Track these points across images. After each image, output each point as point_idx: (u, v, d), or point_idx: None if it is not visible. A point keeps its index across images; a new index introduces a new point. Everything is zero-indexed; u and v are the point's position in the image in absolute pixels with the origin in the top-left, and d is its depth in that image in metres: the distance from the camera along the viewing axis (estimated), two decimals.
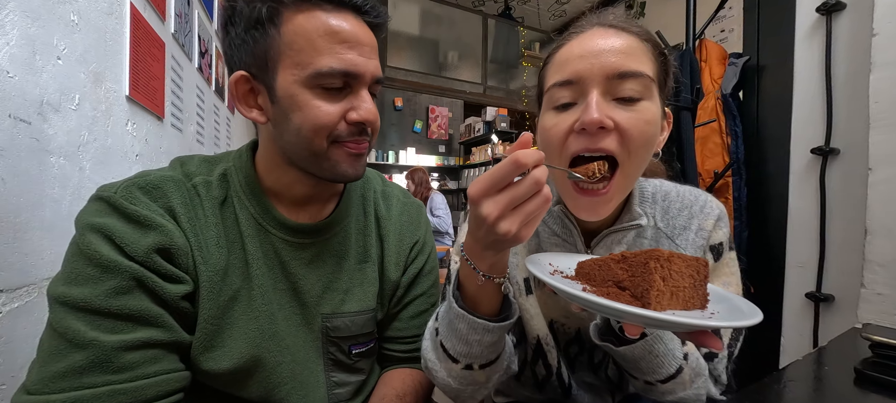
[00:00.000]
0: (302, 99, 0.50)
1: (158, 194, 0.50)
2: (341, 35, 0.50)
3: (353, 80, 0.51)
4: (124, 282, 0.44)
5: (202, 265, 0.51)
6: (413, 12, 5.65)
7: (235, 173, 0.58)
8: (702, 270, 0.41)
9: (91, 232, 0.45)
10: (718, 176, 1.51)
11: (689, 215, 0.60)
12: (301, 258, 0.59)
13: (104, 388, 0.42)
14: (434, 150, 5.88)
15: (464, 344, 0.51)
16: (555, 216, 0.65)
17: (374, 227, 0.67)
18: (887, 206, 0.96)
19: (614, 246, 0.61)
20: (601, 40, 0.50)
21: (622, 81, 0.49)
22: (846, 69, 1.17)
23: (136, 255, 0.45)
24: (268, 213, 0.57)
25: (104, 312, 0.43)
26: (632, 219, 0.58)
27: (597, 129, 0.48)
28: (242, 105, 0.54)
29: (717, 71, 1.64)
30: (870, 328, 0.60)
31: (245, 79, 0.52)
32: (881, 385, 0.53)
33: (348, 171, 0.54)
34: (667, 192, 0.63)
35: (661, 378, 0.53)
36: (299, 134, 0.51)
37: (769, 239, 1.40)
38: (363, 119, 0.52)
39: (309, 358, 0.61)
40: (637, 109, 0.49)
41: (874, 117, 0.99)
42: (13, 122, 0.65)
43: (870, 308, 0.98)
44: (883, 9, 0.98)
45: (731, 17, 3.72)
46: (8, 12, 0.64)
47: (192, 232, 0.51)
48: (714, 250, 0.60)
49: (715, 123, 1.56)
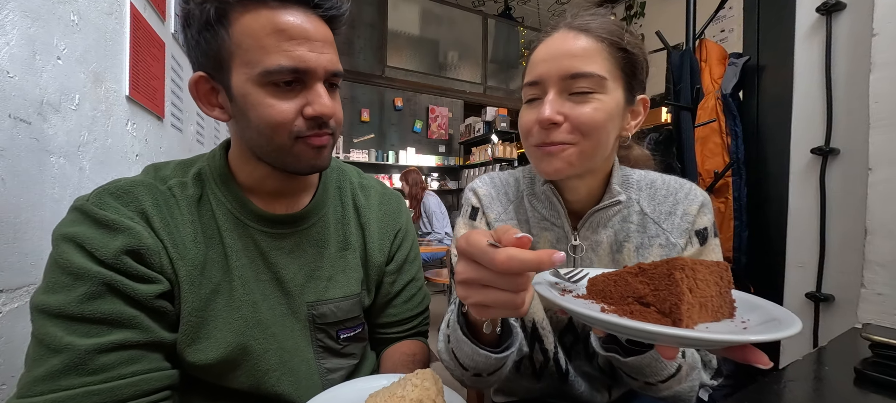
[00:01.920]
0: (256, 98, 0.51)
1: (129, 199, 0.51)
2: (289, 32, 0.50)
3: (305, 75, 0.52)
4: (95, 287, 0.45)
5: (179, 261, 0.52)
6: (413, 12, 5.65)
7: (209, 172, 0.59)
8: (725, 275, 0.39)
9: (64, 242, 0.47)
10: (718, 176, 1.51)
11: (675, 201, 0.64)
12: (281, 248, 0.61)
13: (80, 390, 0.43)
14: (434, 150, 5.88)
15: (471, 361, 0.54)
16: (542, 198, 0.69)
17: (353, 216, 0.69)
18: (887, 206, 0.96)
19: (599, 228, 0.65)
20: (561, 44, 0.58)
21: (575, 80, 0.56)
22: (846, 69, 1.17)
23: (105, 259, 0.46)
24: (244, 207, 0.58)
25: (78, 317, 0.44)
26: (612, 197, 0.64)
27: (549, 124, 0.57)
28: (204, 104, 0.55)
29: (717, 71, 1.64)
30: (870, 328, 0.60)
31: (204, 79, 0.53)
32: (881, 385, 0.53)
33: (313, 162, 0.56)
34: (652, 180, 0.67)
35: (662, 378, 0.54)
36: (260, 131, 0.53)
37: (769, 239, 1.40)
38: (318, 113, 0.52)
39: (298, 346, 0.62)
40: (589, 101, 0.57)
41: (874, 117, 0.99)
42: (13, 122, 0.65)
43: (870, 308, 0.98)
44: (883, 9, 0.98)
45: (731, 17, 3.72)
46: (8, 12, 0.64)
47: (165, 231, 0.52)
48: (699, 234, 0.63)
49: (715, 123, 1.56)
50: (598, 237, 0.65)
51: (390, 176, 5.39)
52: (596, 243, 0.65)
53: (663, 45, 1.75)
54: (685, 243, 0.63)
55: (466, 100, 6.06)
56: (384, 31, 5.42)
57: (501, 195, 0.73)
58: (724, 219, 1.52)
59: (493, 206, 0.72)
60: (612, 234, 0.65)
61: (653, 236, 0.63)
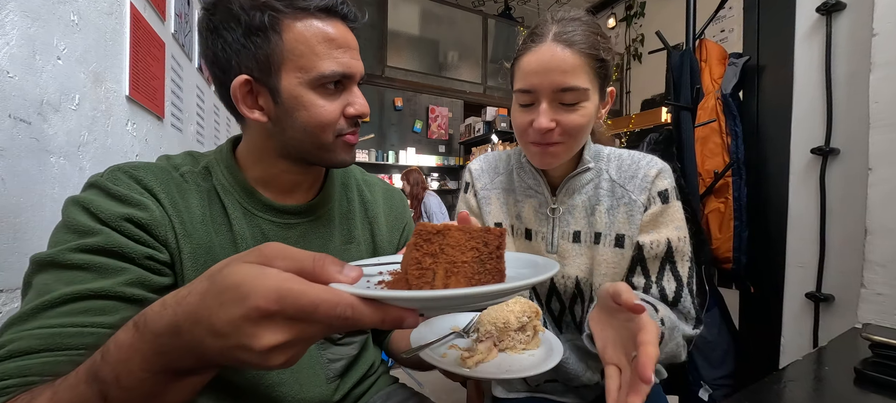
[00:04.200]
0: (307, 99, 0.56)
1: (141, 176, 0.54)
2: (337, 41, 0.56)
3: (347, 79, 0.58)
4: (91, 240, 0.46)
5: (184, 238, 0.54)
6: (413, 12, 5.65)
7: (217, 166, 0.61)
8: (492, 240, 0.37)
9: (72, 205, 0.49)
10: (718, 176, 1.51)
11: (636, 168, 0.75)
12: (288, 238, 0.63)
13: (45, 331, 0.42)
14: (434, 150, 5.88)
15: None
16: (527, 170, 0.81)
17: (359, 211, 0.73)
18: (887, 206, 0.96)
19: (574, 193, 0.77)
20: (551, 57, 0.65)
21: (564, 93, 0.66)
22: (846, 69, 1.17)
23: (108, 220, 0.48)
24: (253, 197, 0.61)
25: (67, 265, 0.45)
26: (583, 165, 0.76)
27: (544, 132, 0.67)
28: (244, 106, 0.57)
29: (717, 71, 1.63)
30: (870, 328, 0.60)
31: (248, 82, 0.56)
32: (881, 385, 0.53)
33: (346, 158, 0.62)
34: (620, 154, 0.79)
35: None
36: (306, 130, 0.57)
37: (769, 239, 1.40)
38: (359, 113, 0.59)
39: None
40: (576, 110, 0.67)
41: (874, 117, 0.99)
42: (13, 122, 0.65)
43: (870, 308, 0.98)
44: (883, 9, 0.98)
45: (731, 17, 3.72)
46: (8, 12, 0.64)
47: (173, 209, 0.54)
48: (661, 195, 0.72)
49: (715, 123, 1.55)
50: (573, 202, 0.77)
51: (390, 176, 5.39)
52: (571, 207, 0.77)
53: (663, 46, 1.75)
54: (646, 200, 0.72)
55: (466, 100, 6.05)
56: (384, 31, 5.42)
57: (491, 169, 0.86)
58: (723, 219, 1.52)
59: (482, 178, 0.86)
60: (585, 198, 0.76)
61: (619, 197, 0.74)
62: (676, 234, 0.71)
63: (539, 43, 0.67)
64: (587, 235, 0.75)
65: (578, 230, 0.76)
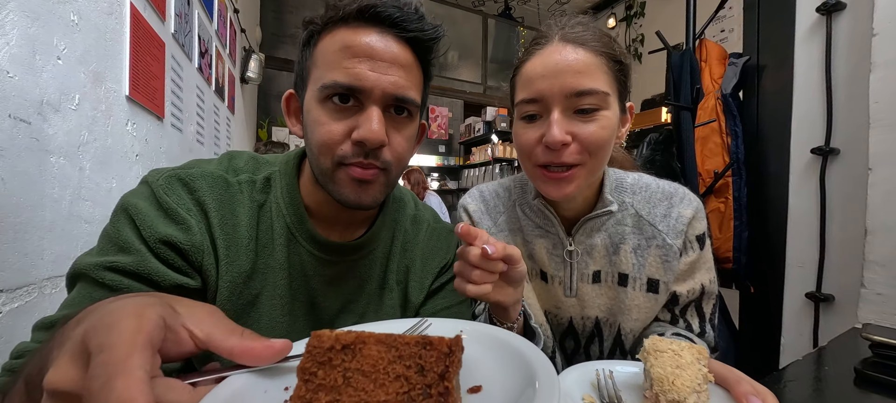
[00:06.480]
0: (315, 115, 0.49)
1: (197, 186, 0.50)
2: (353, 49, 0.47)
3: (361, 94, 0.48)
4: (124, 260, 0.44)
5: (226, 265, 0.51)
6: None
7: (279, 179, 0.57)
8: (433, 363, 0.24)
9: (122, 212, 0.47)
10: (718, 176, 1.51)
11: (670, 205, 0.65)
12: (324, 275, 0.58)
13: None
14: (434, 150, 5.87)
15: None
16: (535, 210, 0.69)
17: (399, 253, 0.64)
18: (887, 206, 0.96)
19: (593, 233, 0.66)
20: (560, 57, 0.55)
21: (580, 98, 0.54)
22: (846, 69, 1.17)
23: (148, 239, 0.46)
24: (302, 224, 0.56)
25: (97, 282, 0.44)
26: (603, 206, 0.64)
27: (560, 146, 0.55)
28: (290, 120, 0.57)
29: (717, 71, 1.63)
30: (870, 328, 0.60)
31: (292, 96, 0.56)
32: (881, 385, 0.53)
33: (350, 197, 0.50)
34: (647, 184, 0.68)
35: None
36: (312, 151, 0.51)
37: (769, 239, 1.40)
38: (362, 138, 0.47)
39: None
40: (595, 119, 0.55)
41: (874, 117, 0.99)
42: (13, 122, 0.65)
43: (870, 308, 0.98)
44: (883, 9, 0.98)
45: (731, 17, 3.72)
46: (8, 12, 0.64)
47: (221, 230, 0.51)
48: (700, 240, 0.64)
49: (715, 123, 1.55)
50: (593, 241, 0.66)
51: None
52: (591, 247, 0.66)
53: (663, 45, 1.75)
54: (682, 245, 0.64)
55: (466, 100, 6.05)
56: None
57: (491, 209, 0.74)
58: (723, 219, 1.52)
59: (483, 221, 0.73)
60: (606, 237, 0.66)
61: (649, 237, 0.64)
62: (708, 276, 0.66)
63: (544, 45, 0.58)
64: (608, 274, 0.67)
65: (599, 270, 0.67)
